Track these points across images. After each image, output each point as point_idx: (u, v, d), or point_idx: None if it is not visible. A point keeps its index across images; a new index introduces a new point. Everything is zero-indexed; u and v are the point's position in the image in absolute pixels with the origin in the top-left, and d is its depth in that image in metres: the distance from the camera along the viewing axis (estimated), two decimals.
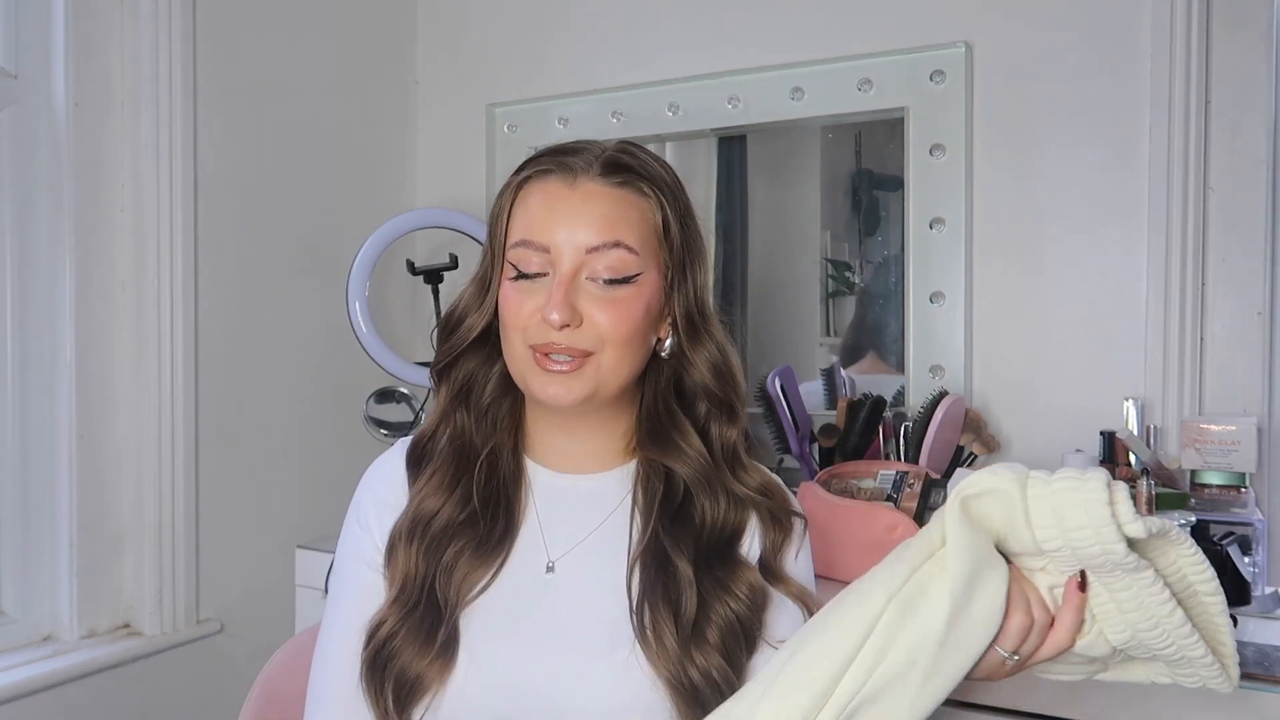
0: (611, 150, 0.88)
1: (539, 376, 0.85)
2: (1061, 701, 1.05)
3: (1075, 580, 0.70)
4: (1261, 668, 1.01)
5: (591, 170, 0.86)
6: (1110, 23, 1.53)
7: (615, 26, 1.91)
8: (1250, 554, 1.29)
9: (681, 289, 0.89)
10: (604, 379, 0.86)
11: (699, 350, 0.91)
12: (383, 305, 1.88)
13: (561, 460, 0.92)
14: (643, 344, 0.88)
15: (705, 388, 0.91)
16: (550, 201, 0.86)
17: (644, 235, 0.86)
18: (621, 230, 0.85)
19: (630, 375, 0.88)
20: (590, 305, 0.84)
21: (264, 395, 1.76)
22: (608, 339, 0.85)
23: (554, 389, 0.85)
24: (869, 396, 1.57)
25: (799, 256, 1.86)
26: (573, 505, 0.91)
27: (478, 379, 0.92)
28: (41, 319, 1.49)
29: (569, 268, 0.84)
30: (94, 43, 1.51)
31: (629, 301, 0.85)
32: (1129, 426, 1.50)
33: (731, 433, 0.92)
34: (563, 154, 0.88)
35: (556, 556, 0.88)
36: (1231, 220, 1.46)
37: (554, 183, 0.86)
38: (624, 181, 0.86)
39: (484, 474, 0.89)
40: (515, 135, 1.99)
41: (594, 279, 0.84)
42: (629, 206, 0.86)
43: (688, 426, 0.91)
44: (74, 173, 1.48)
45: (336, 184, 1.91)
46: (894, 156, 1.69)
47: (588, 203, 0.85)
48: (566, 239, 0.84)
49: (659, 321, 0.90)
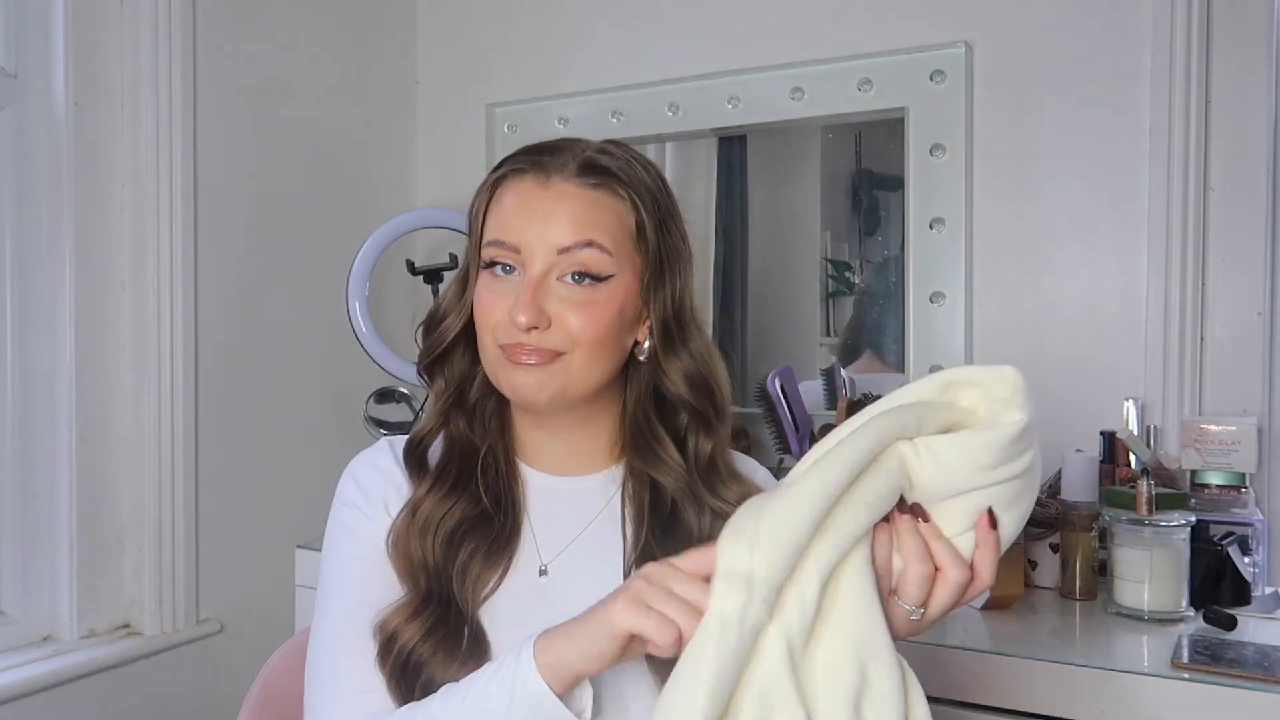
0: (590, 150, 0.87)
1: (507, 369, 0.84)
2: (1062, 701, 1.05)
3: (985, 519, 0.69)
4: (1261, 668, 1.01)
5: (566, 170, 0.85)
6: (1110, 23, 1.53)
7: (615, 26, 1.91)
8: (1250, 554, 1.29)
9: (658, 294, 0.87)
10: (572, 379, 0.84)
11: (673, 360, 0.89)
12: (383, 305, 1.88)
13: (548, 461, 0.92)
14: (615, 347, 0.86)
15: (681, 399, 0.89)
16: (523, 201, 0.85)
17: (618, 237, 0.85)
18: (594, 230, 0.83)
19: (601, 378, 0.87)
20: (560, 306, 0.83)
21: (264, 395, 1.76)
22: (578, 341, 0.83)
23: (522, 379, 0.84)
24: (869, 396, 1.57)
25: (799, 256, 1.86)
26: (561, 508, 0.90)
27: (468, 379, 0.92)
28: (41, 319, 1.49)
29: (540, 268, 0.83)
30: (94, 43, 1.51)
31: (601, 304, 0.84)
32: (1129, 426, 1.50)
33: (707, 445, 0.90)
34: (540, 153, 0.87)
35: (547, 560, 0.88)
36: (1231, 220, 1.46)
37: (527, 182, 0.85)
38: (599, 183, 0.85)
39: (487, 474, 0.89)
40: (515, 135, 1.99)
41: (564, 279, 0.83)
42: (603, 208, 0.85)
43: (665, 437, 0.90)
44: (74, 173, 1.48)
45: (336, 184, 1.91)
46: (894, 156, 1.69)
47: (561, 203, 0.84)
48: (538, 239, 0.83)
49: (635, 325, 0.88)
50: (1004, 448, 0.66)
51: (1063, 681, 1.05)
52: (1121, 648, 1.14)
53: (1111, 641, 1.16)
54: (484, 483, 0.88)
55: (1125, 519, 1.23)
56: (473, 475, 0.89)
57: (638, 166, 0.88)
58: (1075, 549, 1.29)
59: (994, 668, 1.08)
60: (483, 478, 0.89)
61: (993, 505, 0.69)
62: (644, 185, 0.87)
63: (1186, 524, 1.22)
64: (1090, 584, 1.29)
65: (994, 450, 0.66)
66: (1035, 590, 1.33)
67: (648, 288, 0.87)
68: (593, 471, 0.92)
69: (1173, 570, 1.21)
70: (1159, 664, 1.05)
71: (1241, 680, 0.99)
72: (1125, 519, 1.23)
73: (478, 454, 0.90)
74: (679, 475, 0.89)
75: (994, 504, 0.69)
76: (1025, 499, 0.71)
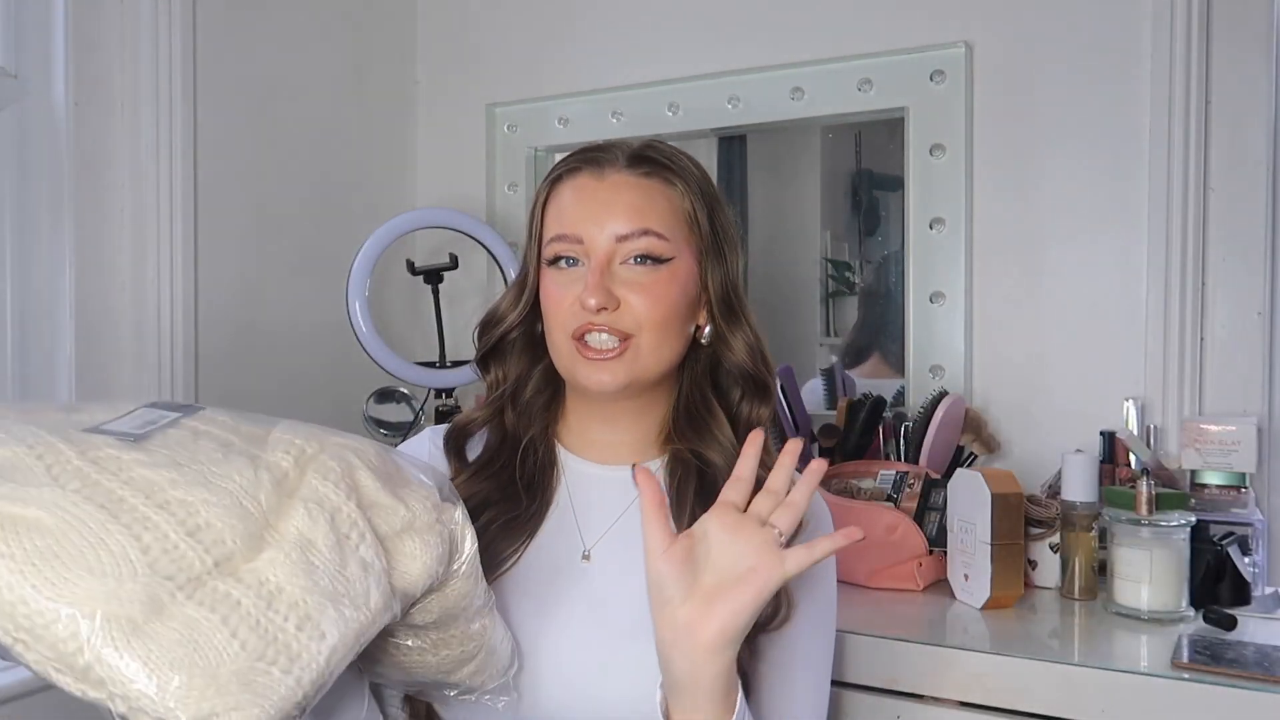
0: (638, 146, 0.92)
1: (584, 366, 0.88)
2: (1062, 701, 1.05)
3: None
4: (1261, 668, 1.01)
5: (618, 163, 0.90)
6: (1110, 23, 1.53)
7: (615, 26, 1.91)
8: (1250, 554, 1.29)
9: (715, 274, 0.92)
10: (643, 363, 0.88)
11: (736, 333, 0.94)
12: (383, 305, 1.88)
13: (595, 450, 0.96)
14: (680, 329, 0.91)
15: (742, 369, 0.94)
16: (581, 195, 0.90)
17: (673, 222, 0.90)
18: (650, 218, 0.88)
19: (669, 360, 0.91)
20: (625, 290, 0.87)
21: (264, 395, 1.75)
22: (644, 322, 0.88)
23: (599, 375, 0.88)
24: (869, 396, 1.57)
25: (799, 256, 1.87)
26: (603, 494, 0.93)
27: (525, 378, 0.97)
28: (41, 318, 1.49)
29: (603, 255, 0.87)
30: (94, 43, 1.51)
31: (663, 284, 0.88)
32: (1129, 426, 1.50)
33: (763, 411, 0.96)
34: (591, 151, 0.92)
35: (590, 544, 0.91)
36: (1231, 220, 1.46)
37: (584, 178, 0.91)
38: (650, 172, 0.90)
39: (526, 461, 0.93)
40: (515, 135, 1.99)
41: (627, 262, 0.88)
42: (656, 195, 0.90)
43: (721, 416, 0.94)
44: (74, 173, 1.48)
45: (336, 184, 1.91)
46: (894, 156, 1.69)
47: (616, 193, 0.89)
48: (599, 228, 0.88)
49: (696, 307, 0.93)
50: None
51: (1063, 681, 1.05)
52: (1121, 648, 1.14)
53: (1111, 641, 1.16)
54: (521, 469, 0.93)
55: (1125, 519, 1.23)
56: (511, 462, 0.93)
57: (683, 157, 0.94)
58: (1075, 549, 1.29)
59: (994, 668, 1.08)
60: (521, 465, 0.93)
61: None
62: (691, 173, 0.93)
63: (1186, 524, 1.22)
64: (1090, 584, 1.29)
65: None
66: (1035, 590, 1.33)
67: (704, 269, 0.92)
68: (639, 461, 0.95)
69: (1173, 570, 1.20)
70: (1159, 664, 1.05)
71: (1241, 680, 0.99)
72: (1125, 519, 1.23)
73: (519, 442, 0.94)
74: (729, 453, 0.92)
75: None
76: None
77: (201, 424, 0.67)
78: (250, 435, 0.67)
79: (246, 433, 0.67)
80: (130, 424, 0.64)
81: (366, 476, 0.68)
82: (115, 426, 0.64)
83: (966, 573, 1.26)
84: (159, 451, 0.61)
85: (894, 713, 1.11)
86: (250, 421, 0.69)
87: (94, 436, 0.61)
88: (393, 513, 0.68)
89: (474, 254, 1.89)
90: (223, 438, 0.65)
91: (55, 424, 0.62)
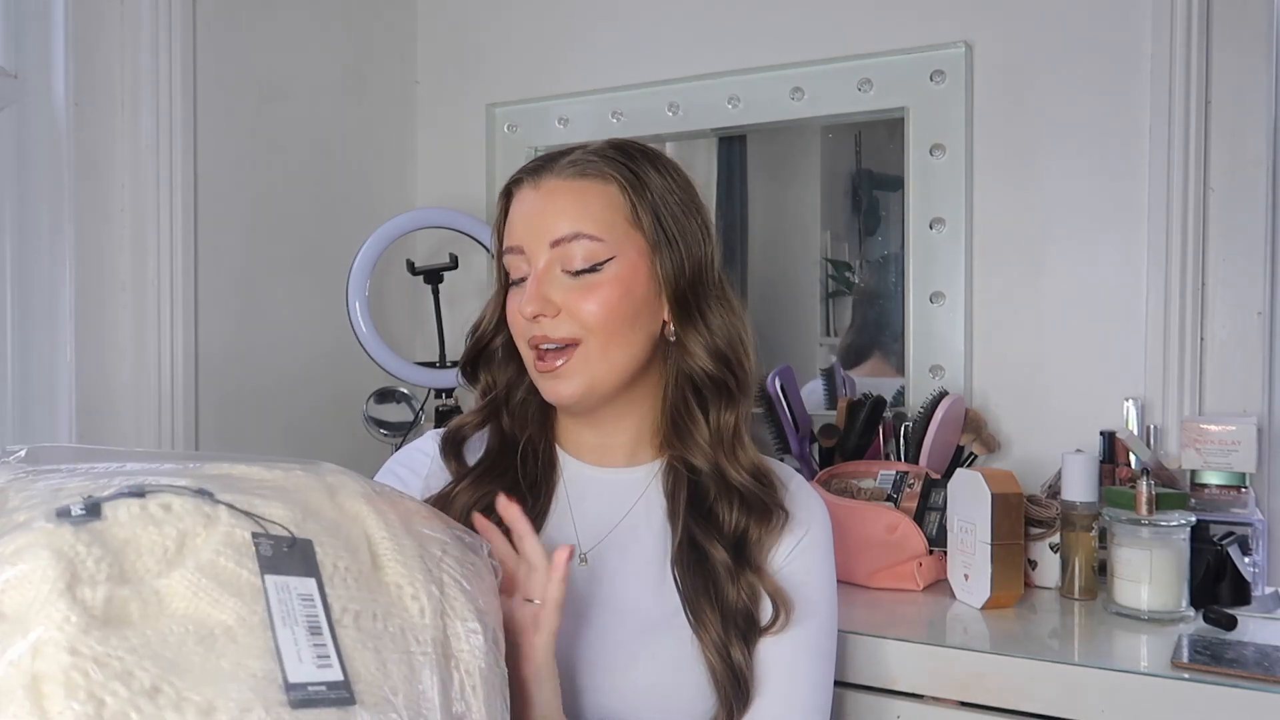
0: (586, 149, 0.91)
1: (541, 379, 0.89)
2: (1062, 701, 1.05)
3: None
4: (1261, 668, 1.01)
5: (555, 168, 0.89)
6: (1110, 23, 1.53)
7: (615, 26, 1.91)
8: (1250, 554, 1.29)
9: (665, 269, 0.89)
10: (595, 368, 0.87)
11: (691, 333, 0.90)
12: (383, 305, 1.88)
13: (590, 453, 0.95)
14: (630, 329, 0.88)
15: (703, 371, 0.91)
16: (521, 206, 0.90)
17: (609, 220, 0.88)
18: (582, 221, 0.87)
19: (626, 363, 0.89)
20: (566, 295, 0.87)
21: (264, 395, 1.75)
22: (589, 326, 0.87)
23: (550, 385, 0.88)
24: (869, 396, 1.57)
25: (799, 256, 1.86)
26: (600, 497, 0.93)
27: (515, 384, 0.96)
28: (41, 319, 1.49)
29: (541, 263, 0.87)
30: (94, 43, 1.51)
31: (604, 285, 0.87)
32: (1129, 426, 1.50)
33: (730, 418, 0.92)
34: (536, 160, 0.92)
35: (587, 548, 0.91)
36: (1231, 220, 1.46)
37: (525, 188, 0.90)
38: (582, 173, 0.88)
39: (527, 462, 0.94)
40: (515, 135, 1.99)
41: (566, 270, 0.87)
42: (591, 195, 0.88)
43: (699, 418, 0.92)
44: (74, 173, 1.48)
45: (336, 184, 1.91)
46: (894, 156, 1.69)
47: (549, 199, 0.88)
48: (535, 238, 0.88)
49: (654, 305, 0.90)
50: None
51: (1063, 681, 1.05)
52: (1121, 648, 1.14)
53: (1111, 641, 1.15)
54: (523, 470, 0.93)
55: (1125, 519, 1.23)
56: (511, 464, 0.93)
57: (633, 151, 0.91)
58: (1075, 549, 1.29)
59: (994, 668, 1.08)
60: (522, 466, 0.93)
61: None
62: (630, 167, 0.89)
63: (1186, 524, 1.22)
64: (1090, 584, 1.29)
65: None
66: (1035, 590, 1.33)
67: (654, 264, 0.89)
68: (635, 465, 0.94)
69: (1172, 570, 1.20)
70: (1159, 664, 1.05)
71: (1241, 680, 0.99)
72: (1125, 519, 1.23)
73: (517, 443, 0.94)
74: (707, 455, 0.91)
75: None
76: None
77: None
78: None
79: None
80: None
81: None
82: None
83: (966, 573, 1.26)
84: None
85: (894, 713, 1.11)
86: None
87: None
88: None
89: (474, 254, 1.89)
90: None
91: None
